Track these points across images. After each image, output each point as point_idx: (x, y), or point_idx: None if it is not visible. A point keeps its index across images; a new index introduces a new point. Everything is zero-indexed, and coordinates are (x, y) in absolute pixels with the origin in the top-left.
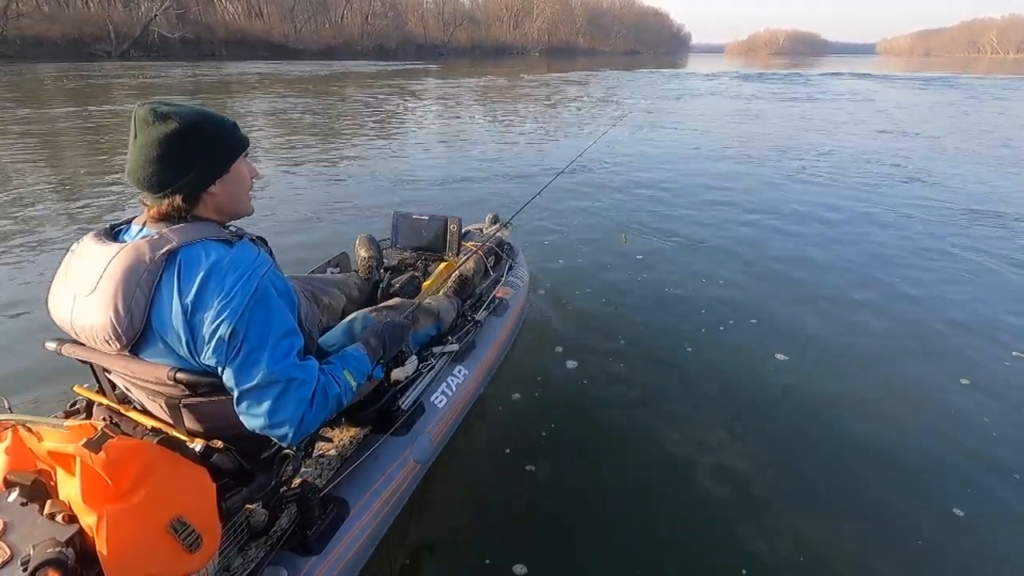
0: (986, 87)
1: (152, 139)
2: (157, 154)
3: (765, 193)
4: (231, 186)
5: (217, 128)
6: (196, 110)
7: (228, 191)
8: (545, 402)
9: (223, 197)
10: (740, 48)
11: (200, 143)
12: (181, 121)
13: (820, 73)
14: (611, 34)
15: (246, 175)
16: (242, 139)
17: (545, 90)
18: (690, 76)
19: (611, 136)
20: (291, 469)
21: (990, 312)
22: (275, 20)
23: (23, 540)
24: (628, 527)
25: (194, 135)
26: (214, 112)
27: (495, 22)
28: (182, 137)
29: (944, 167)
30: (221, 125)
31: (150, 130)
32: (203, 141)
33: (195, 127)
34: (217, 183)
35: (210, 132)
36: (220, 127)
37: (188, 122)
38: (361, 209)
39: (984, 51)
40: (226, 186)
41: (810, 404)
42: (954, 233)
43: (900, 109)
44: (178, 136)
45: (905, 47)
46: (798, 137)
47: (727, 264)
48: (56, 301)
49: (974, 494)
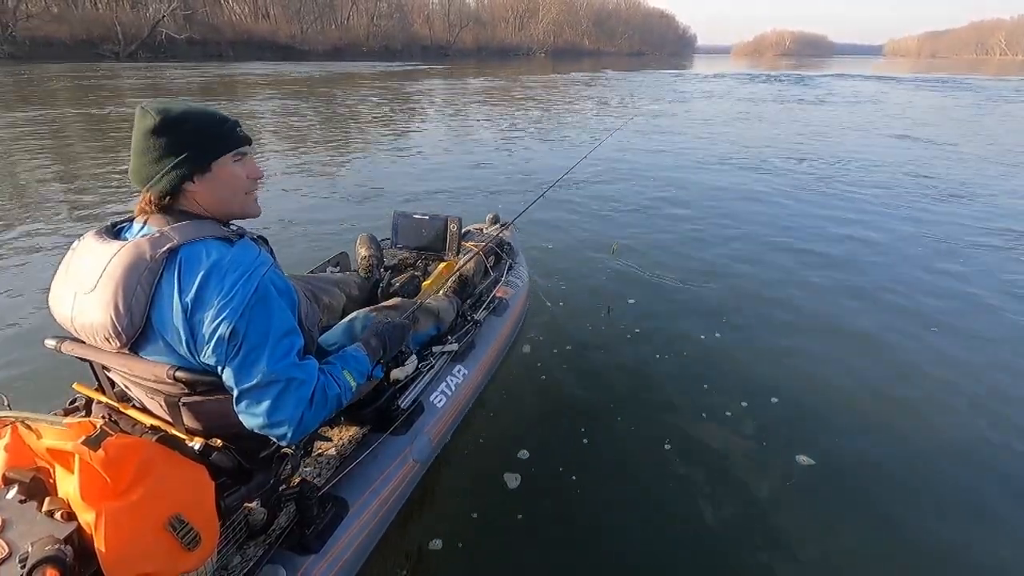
0: (1000, 89)
1: (136, 134)
2: (139, 148)
3: (770, 198)
4: (215, 185)
5: (199, 125)
6: (183, 107)
7: (210, 189)
8: (545, 401)
9: (205, 196)
10: (746, 49)
11: (175, 139)
12: (159, 116)
13: (830, 75)
14: (616, 35)
15: (236, 175)
16: (233, 138)
17: (550, 92)
18: (695, 78)
19: (615, 139)
20: (290, 468)
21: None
22: (281, 21)
23: (21, 537)
24: (627, 527)
25: (168, 131)
26: (206, 109)
27: (500, 23)
28: (156, 133)
29: (971, 175)
30: (206, 122)
31: (137, 125)
32: (179, 137)
33: (173, 123)
34: (196, 181)
35: (188, 129)
36: (204, 124)
37: (167, 118)
38: (361, 209)
39: (992, 52)
40: (208, 184)
41: (816, 409)
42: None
43: (920, 114)
44: (153, 132)
45: (912, 48)
46: (815, 142)
47: (729, 266)
48: (57, 298)
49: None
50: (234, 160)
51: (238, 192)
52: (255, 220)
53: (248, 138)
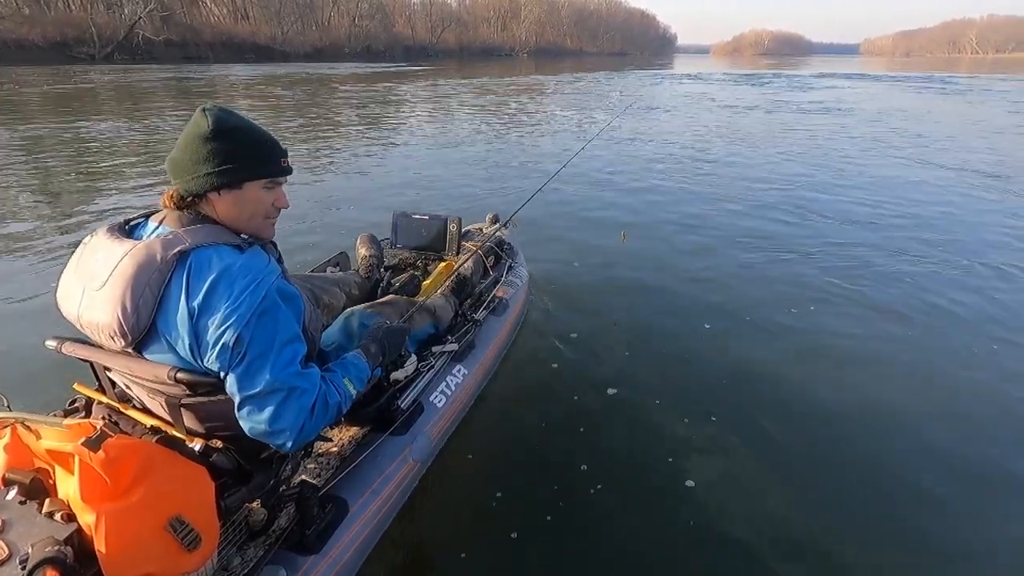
0: (980, 86)
1: (188, 130)
2: (185, 144)
3: (767, 190)
4: (239, 202)
5: (247, 144)
6: (239, 122)
7: (233, 205)
8: (544, 401)
9: (225, 208)
10: (726, 49)
11: (219, 150)
12: (214, 123)
13: (814, 74)
14: (598, 36)
15: (263, 200)
16: (275, 166)
17: (537, 92)
18: (677, 77)
19: (604, 137)
20: (290, 468)
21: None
22: (261, 22)
23: (21, 538)
24: (628, 527)
25: (217, 140)
26: (260, 131)
27: (483, 24)
28: (206, 138)
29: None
30: (254, 144)
31: (192, 122)
32: (224, 149)
33: (223, 134)
34: (223, 193)
35: (235, 145)
36: (251, 145)
37: (219, 128)
38: (359, 210)
39: (964, 51)
40: (233, 199)
41: (821, 414)
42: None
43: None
44: (204, 136)
45: (887, 47)
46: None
47: (731, 266)
48: (65, 293)
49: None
50: (266, 186)
51: (257, 215)
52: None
53: (290, 169)
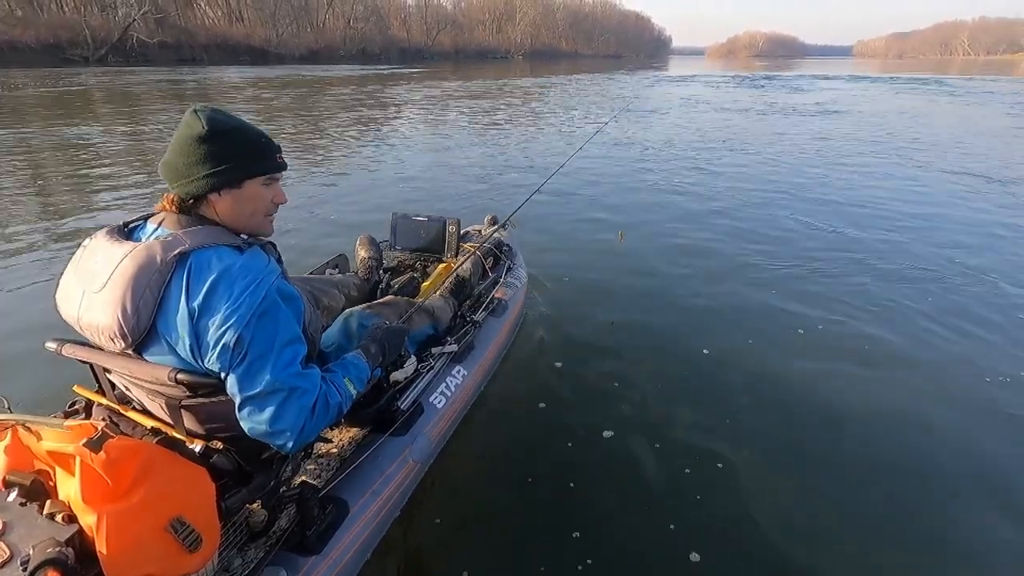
0: (972, 88)
1: (181, 133)
2: (179, 147)
3: (772, 191)
4: (239, 201)
5: (243, 143)
6: (232, 122)
7: (233, 204)
8: (543, 402)
9: (226, 208)
10: (720, 51)
11: (216, 150)
12: (208, 124)
13: (807, 75)
14: (593, 38)
15: (263, 197)
16: (272, 162)
17: (532, 94)
18: (673, 79)
19: (600, 139)
20: (290, 469)
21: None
22: (256, 25)
23: (22, 540)
24: (628, 527)
25: (212, 141)
26: (253, 128)
27: (478, 26)
28: (201, 140)
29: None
30: (250, 142)
31: (184, 125)
32: (221, 150)
33: (219, 135)
34: (223, 193)
35: (232, 144)
36: (247, 143)
37: (214, 129)
38: (358, 212)
39: (956, 52)
40: (233, 199)
41: (822, 414)
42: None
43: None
44: (198, 138)
45: (880, 49)
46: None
47: (729, 265)
48: (64, 295)
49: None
50: (264, 183)
51: (258, 213)
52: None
53: (285, 165)
